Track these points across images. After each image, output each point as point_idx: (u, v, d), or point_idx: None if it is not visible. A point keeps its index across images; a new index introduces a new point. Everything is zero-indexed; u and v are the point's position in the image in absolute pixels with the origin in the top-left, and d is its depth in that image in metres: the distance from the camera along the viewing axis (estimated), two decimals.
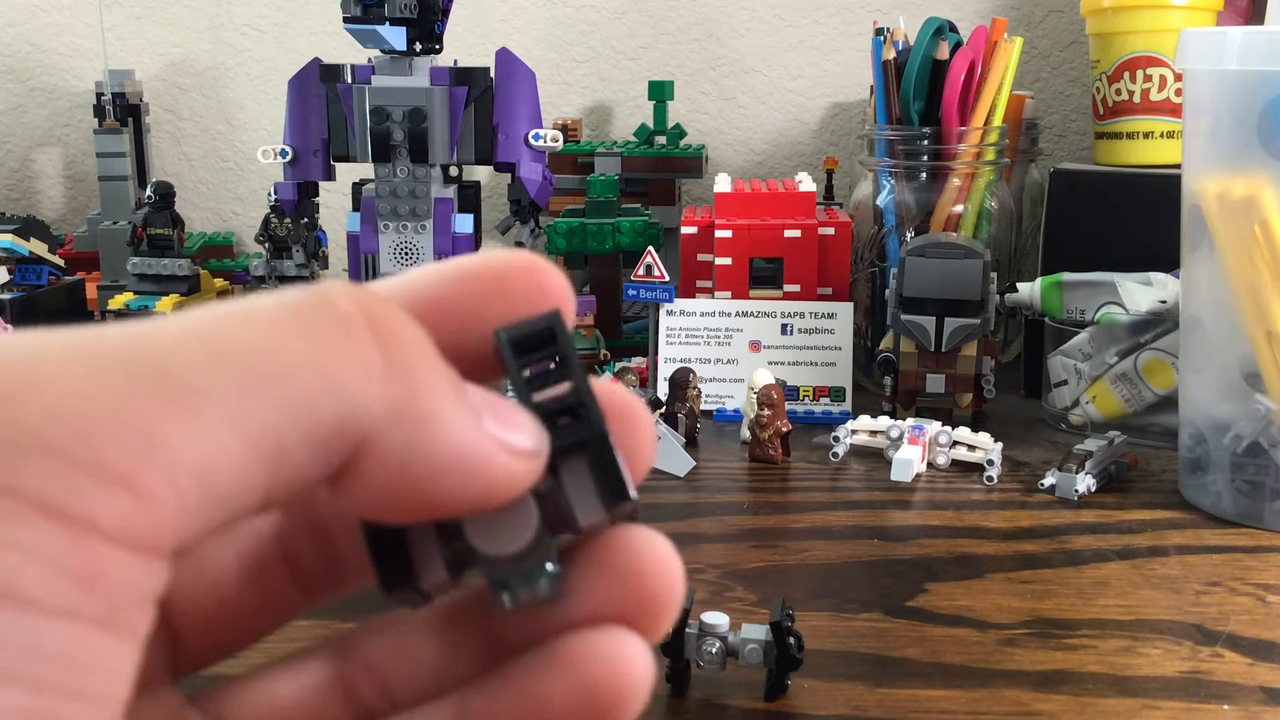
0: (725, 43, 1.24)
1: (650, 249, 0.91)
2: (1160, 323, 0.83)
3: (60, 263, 1.04)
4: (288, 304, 0.18)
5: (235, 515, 0.17)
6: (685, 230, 0.96)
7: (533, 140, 0.86)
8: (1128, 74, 0.95)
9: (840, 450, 0.80)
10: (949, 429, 0.79)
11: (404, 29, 0.82)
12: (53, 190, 1.32)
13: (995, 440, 0.79)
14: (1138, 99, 0.95)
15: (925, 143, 0.92)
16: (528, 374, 0.20)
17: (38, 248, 1.02)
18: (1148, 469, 0.79)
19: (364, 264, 0.87)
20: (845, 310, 0.92)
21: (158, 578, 0.16)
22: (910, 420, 0.80)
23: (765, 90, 1.25)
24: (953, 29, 0.93)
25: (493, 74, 0.86)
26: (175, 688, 0.21)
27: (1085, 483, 0.73)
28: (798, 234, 0.92)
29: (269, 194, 0.94)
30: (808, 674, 0.51)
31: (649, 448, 0.21)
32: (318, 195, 0.92)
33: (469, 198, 0.90)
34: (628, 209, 1.05)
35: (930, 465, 0.79)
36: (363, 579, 0.22)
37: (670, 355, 0.91)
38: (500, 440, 0.18)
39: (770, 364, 0.90)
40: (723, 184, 0.97)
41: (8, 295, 0.97)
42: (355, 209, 0.88)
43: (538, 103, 0.87)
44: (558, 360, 0.20)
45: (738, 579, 0.62)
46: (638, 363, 0.92)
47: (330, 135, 0.87)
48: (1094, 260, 0.88)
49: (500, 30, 1.25)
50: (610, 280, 1.03)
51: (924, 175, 0.94)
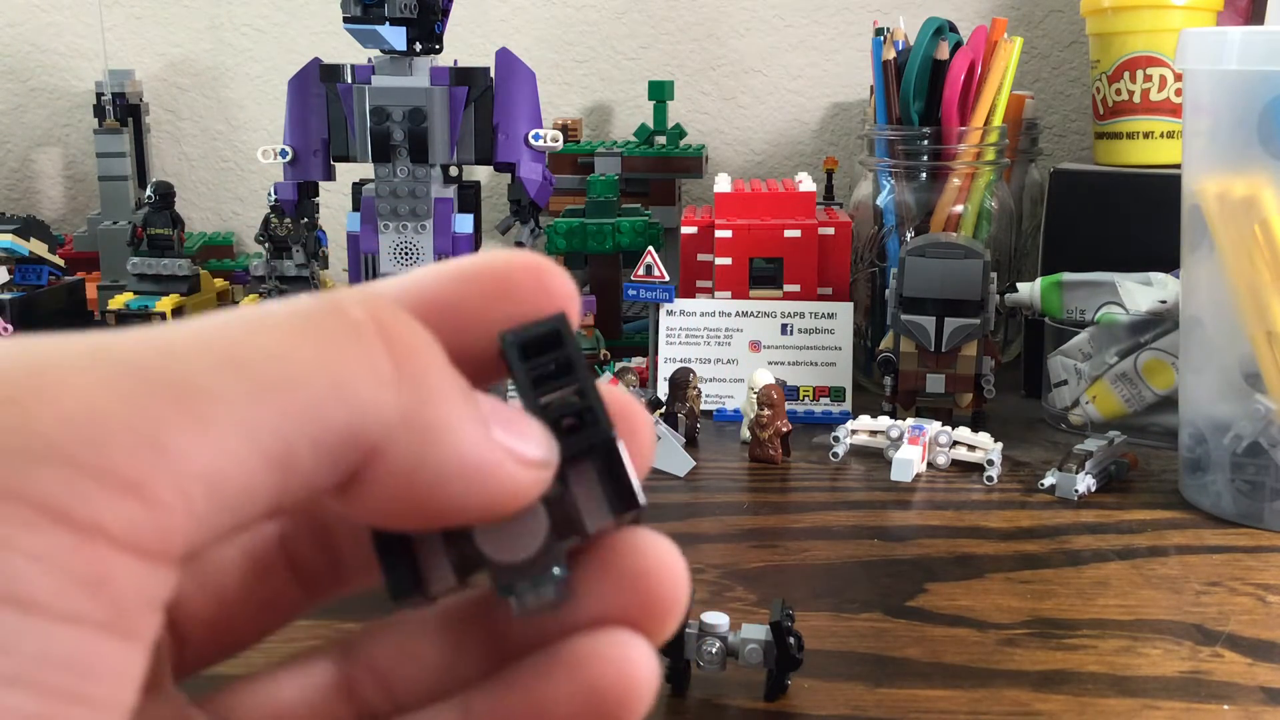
0: (725, 43, 1.24)
1: (650, 249, 0.91)
2: (1160, 323, 0.83)
3: (60, 263, 1.04)
4: (299, 311, 0.18)
5: (244, 521, 0.17)
6: (685, 230, 0.96)
7: (533, 140, 0.86)
8: (1128, 74, 0.95)
9: (840, 450, 0.80)
10: (949, 429, 0.79)
11: (404, 29, 0.82)
12: (53, 190, 1.32)
13: (995, 440, 0.79)
14: (1138, 99, 0.95)
15: (925, 143, 0.92)
16: (534, 377, 0.20)
17: (38, 248, 1.01)
18: (1148, 469, 0.79)
19: (364, 264, 0.87)
20: (845, 310, 0.92)
21: (165, 583, 0.16)
22: (910, 420, 0.81)
23: (765, 90, 1.25)
24: (953, 29, 0.93)
25: (493, 74, 0.86)
26: (178, 689, 0.21)
27: (1085, 483, 0.73)
28: (798, 234, 0.93)
29: (269, 194, 0.94)
30: (808, 674, 0.51)
31: (648, 451, 0.21)
32: (318, 195, 0.91)
33: (469, 198, 0.90)
34: (628, 209, 1.05)
35: (930, 465, 0.79)
36: (364, 580, 0.22)
37: (670, 355, 0.91)
38: (509, 449, 0.18)
39: (770, 364, 0.90)
40: (723, 184, 0.97)
41: (8, 295, 0.97)
42: (355, 209, 0.88)
43: (538, 103, 0.87)
44: (564, 363, 0.20)
45: (738, 579, 0.62)
46: (638, 363, 0.92)
47: (330, 135, 0.87)
48: (1094, 260, 0.88)
49: (500, 30, 1.25)
50: (610, 280, 1.03)
51: (924, 175, 0.94)
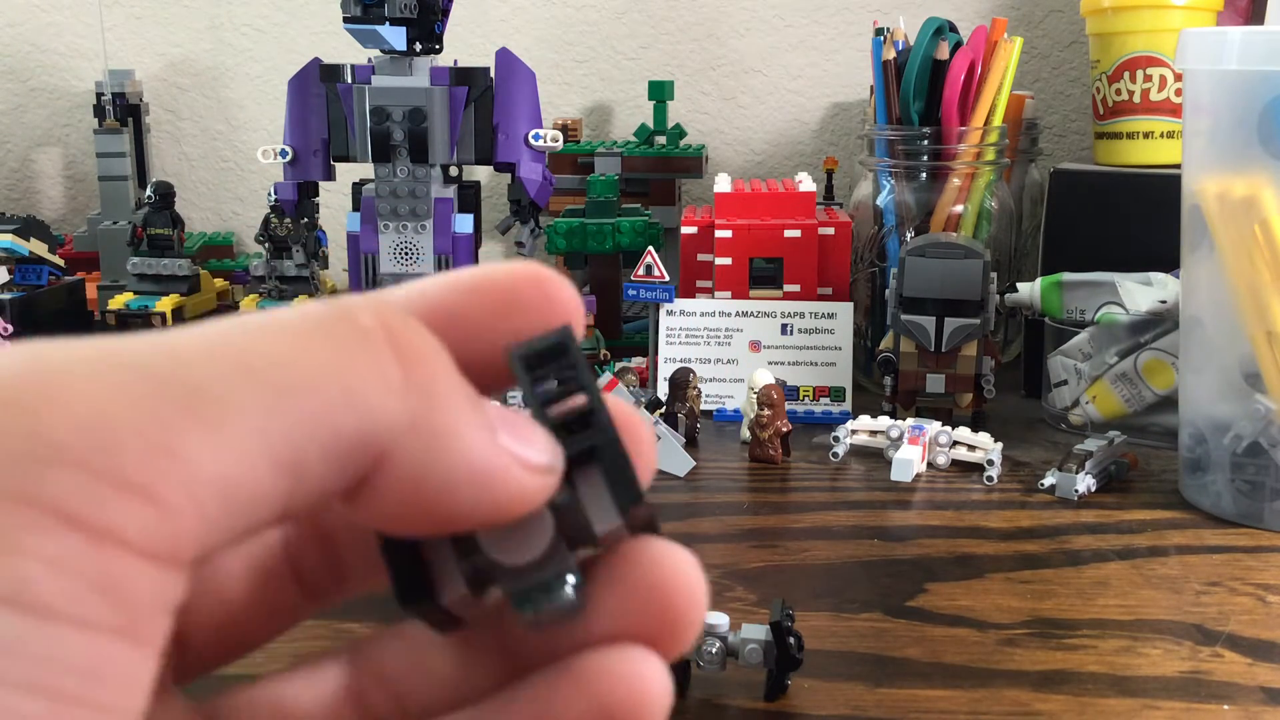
0: (725, 43, 1.24)
1: (650, 249, 0.91)
2: (1160, 323, 0.83)
3: (60, 263, 1.04)
4: (309, 317, 0.18)
5: (254, 527, 0.17)
6: (685, 230, 0.96)
7: (533, 140, 0.86)
8: (1128, 74, 0.95)
9: (840, 450, 0.80)
10: (949, 429, 0.79)
11: (404, 29, 0.82)
12: (53, 190, 1.32)
13: (995, 440, 0.79)
14: (1138, 99, 0.95)
15: (925, 143, 0.92)
16: (540, 388, 0.20)
17: (38, 248, 1.01)
18: (1148, 469, 0.79)
19: (364, 264, 0.87)
20: (845, 310, 0.92)
21: (176, 588, 0.16)
22: (910, 420, 0.80)
23: (765, 90, 1.25)
24: (953, 29, 0.93)
25: (493, 74, 0.86)
26: (181, 693, 0.21)
27: (1085, 483, 0.73)
28: (798, 234, 0.92)
29: (269, 194, 0.94)
30: (808, 674, 0.51)
31: (650, 460, 0.21)
32: (318, 195, 0.92)
33: (469, 198, 0.90)
34: (628, 209, 1.05)
35: (930, 465, 0.79)
36: (366, 584, 0.22)
37: (670, 355, 0.91)
38: (516, 455, 0.19)
39: (770, 364, 0.90)
40: (723, 184, 0.97)
41: (8, 295, 0.97)
42: (355, 209, 0.88)
43: (538, 103, 0.87)
44: (570, 374, 0.20)
45: (738, 579, 0.62)
46: (638, 363, 0.92)
47: (330, 135, 0.87)
48: (1094, 260, 0.88)
49: (500, 30, 1.25)
50: (610, 280, 1.03)
51: (924, 175, 0.94)
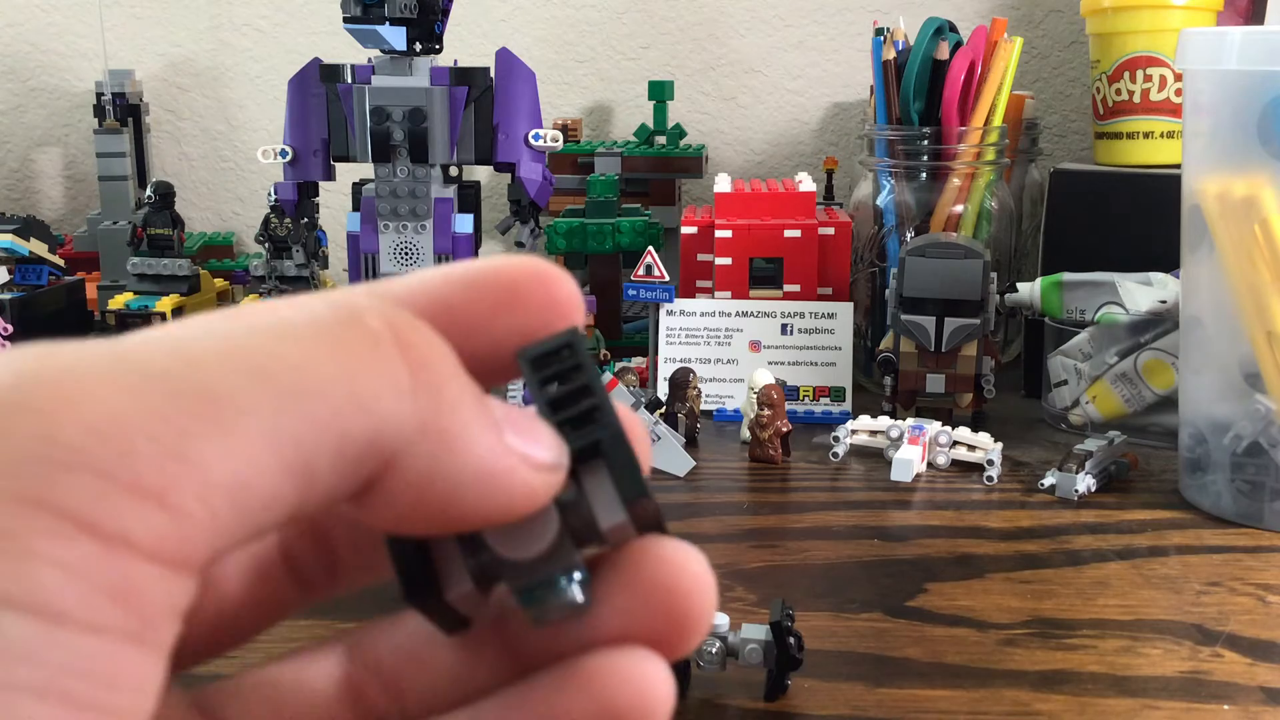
0: (725, 43, 1.24)
1: (650, 249, 0.91)
2: (1160, 323, 0.83)
3: (60, 263, 1.04)
4: (318, 320, 0.18)
5: (263, 530, 0.17)
6: (685, 230, 0.96)
7: (533, 140, 0.86)
8: (1128, 74, 0.95)
9: (840, 450, 0.80)
10: (949, 429, 0.79)
11: (404, 29, 0.82)
12: (53, 190, 1.32)
13: (995, 440, 0.79)
14: (1138, 99, 0.95)
15: (925, 143, 0.92)
16: (547, 389, 0.20)
17: (38, 248, 1.01)
18: (1148, 469, 0.79)
19: (364, 264, 0.87)
20: (845, 310, 0.92)
21: (186, 591, 0.16)
22: (910, 420, 0.80)
23: (765, 90, 1.25)
24: (953, 29, 0.93)
25: (493, 74, 0.86)
26: (176, 686, 0.21)
27: (1085, 483, 0.73)
28: (798, 234, 0.92)
29: (269, 194, 0.94)
30: (808, 674, 0.51)
31: (645, 460, 0.21)
32: (318, 195, 0.91)
33: (469, 198, 0.90)
34: (628, 209, 1.05)
35: (930, 465, 0.79)
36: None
37: (670, 355, 0.91)
38: (523, 455, 0.19)
39: (770, 364, 0.90)
40: (723, 184, 0.97)
41: (8, 295, 0.97)
42: (355, 209, 0.88)
43: (538, 103, 0.87)
44: (576, 373, 0.20)
45: (738, 579, 0.62)
46: (638, 363, 0.92)
47: (330, 135, 0.86)
48: (1094, 260, 0.88)
49: (500, 30, 1.25)
50: (610, 280, 1.03)
51: (924, 175, 0.94)
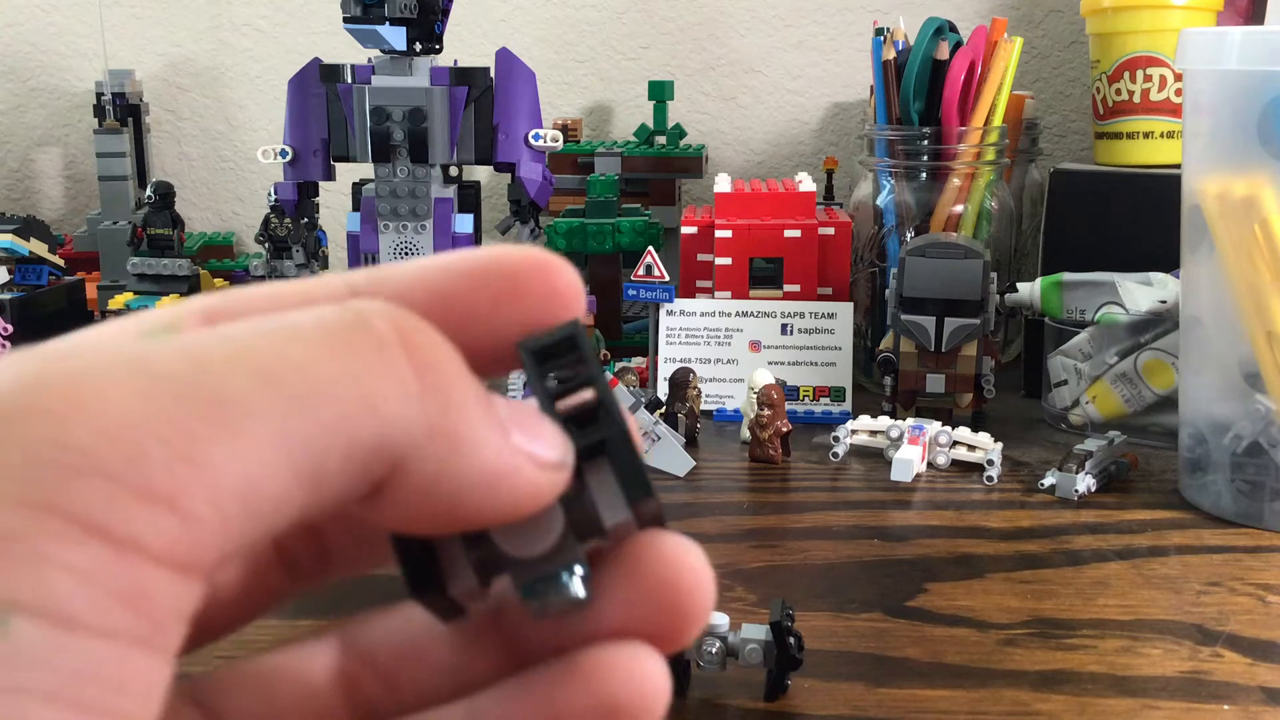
0: (725, 43, 1.24)
1: (650, 249, 0.91)
2: (1160, 323, 0.83)
3: (60, 263, 1.04)
4: (326, 323, 0.18)
5: (271, 533, 0.17)
6: (685, 230, 0.96)
7: (533, 140, 0.86)
8: (1128, 74, 0.95)
9: (840, 450, 0.80)
10: (949, 429, 0.79)
11: (404, 29, 0.82)
12: (53, 190, 1.32)
13: (995, 440, 0.79)
14: (1138, 99, 0.95)
15: (925, 143, 0.92)
16: (550, 382, 0.20)
17: (38, 248, 1.01)
18: (1148, 469, 0.79)
19: (364, 264, 0.87)
20: (845, 310, 0.92)
21: (194, 595, 0.16)
22: (910, 420, 0.80)
23: (765, 90, 1.25)
24: (953, 29, 0.93)
25: (493, 74, 0.86)
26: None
27: (1085, 483, 0.73)
28: (798, 234, 0.92)
29: (269, 194, 0.94)
30: (808, 674, 0.51)
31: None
32: (318, 195, 0.92)
33: (469, 198, 0.90)
34: (628, 209, 1.05)
35: (930, 465, 0.79)
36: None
37: (670, 355, 0.91)
38: (529, 454, 0.19)
39: (770, 364, 0.90)
40: (723, 184, 0.97)
41: (8, 295, 0.97)
42: (355, 209, 0.88)
43: (538, 103, 0.87)
44: (579, 367, 0.20)
45: (738, 579, 0.62)
46: (638, 363, 0.92)
47: (330, 135, 0.87)
48: (1094, 260, 0.88)
49: (500, 30, 1.25)
50: (610, 280, 1.03)
51: (924, 175, 0.94)
